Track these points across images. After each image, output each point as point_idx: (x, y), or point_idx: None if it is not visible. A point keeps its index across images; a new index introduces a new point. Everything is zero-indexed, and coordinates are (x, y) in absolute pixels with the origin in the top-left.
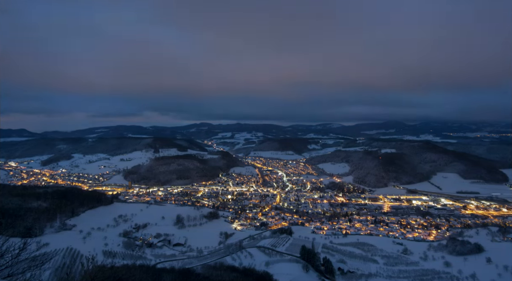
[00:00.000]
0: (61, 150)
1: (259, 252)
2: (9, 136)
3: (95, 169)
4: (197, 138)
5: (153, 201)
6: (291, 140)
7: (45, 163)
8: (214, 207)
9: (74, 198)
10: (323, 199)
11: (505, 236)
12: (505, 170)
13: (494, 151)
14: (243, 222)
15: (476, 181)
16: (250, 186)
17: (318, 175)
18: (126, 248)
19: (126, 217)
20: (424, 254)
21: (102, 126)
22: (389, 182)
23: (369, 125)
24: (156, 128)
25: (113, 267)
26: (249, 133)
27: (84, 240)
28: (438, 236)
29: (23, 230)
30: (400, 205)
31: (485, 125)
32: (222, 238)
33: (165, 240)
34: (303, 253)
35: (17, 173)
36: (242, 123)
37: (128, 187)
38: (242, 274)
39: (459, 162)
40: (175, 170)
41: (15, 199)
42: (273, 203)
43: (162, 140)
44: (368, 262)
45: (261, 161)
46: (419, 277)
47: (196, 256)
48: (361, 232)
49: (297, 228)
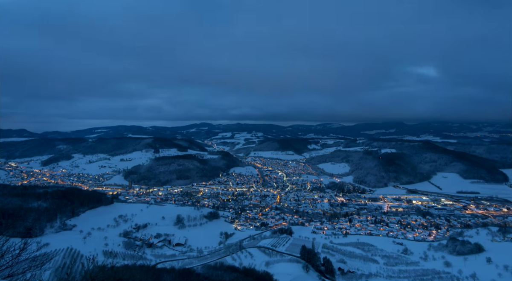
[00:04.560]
0: (61, 150)
1: (259, 252)
2: (9, 136)
3: (95, 169)
4: (197, 138)
5: (153, 201)
6: (291, 140)
7: (45, 163)
8: (214, 207)
9: (74, 198)
10: (323, 199)
11: (505, 236)
12: (505, 170)
13: (494, 151)
14: (243, 222)
15: (476, 181)
16: (250, 186)
17: (318, 175)
18: (126, 248)
19: (126, 217)
20: (424, 254)
21: (102, 126)
22: (389, 182)
23: (369, 125)
24: (156, 128)
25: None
26: (249, 133)
27: (84, 240)
28: (438, 236)
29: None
30: (400, 205)
31: (485, 125)
32: (222, 238)
33: (165, 240)
34: (303, 253)
35: (17, 173)
36: (242, 123)
37: (128, 187)
38: (242, 274)
39: (459, 162)
40: (175, 170)
41: (15, 199)
42: (273, 203)
43: (162, 140)
44: (368, 262)
45: (261, 161)
46: (419, 277)
47: (196, 256)
48: (361, 232)
49: (297, 228)
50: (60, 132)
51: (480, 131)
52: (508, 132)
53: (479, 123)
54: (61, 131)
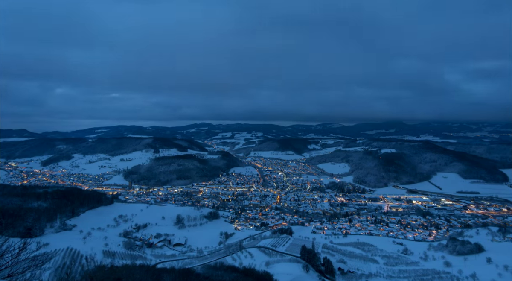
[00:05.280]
0: (61, 150)
1: (259, 252)
2: (9, 136)
3: (95, 169)
4: (197, 138)
5: (153, 201)
6: (291, 140)
7: (45, 163)
8: (214, 207)
9: (74, 198)
10: (323, 199)
11: (505, 236)
12: (505, 169)
13: (494, 151)
14: (243, 222)
15: (476, 181)
16: (250, 186)
17: (318, 175)
18: (126, 248)
19: (126, 217)
20: (424, 254)
21: (102, 127)
22: (389, 182)
23: (369, 125)
24: (156, 128)
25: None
26: (249, 133)
27: (84, 240)
28: (438, 236)
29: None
30: (400, 205)
31: (485, 125)
32: (222, 238)
33: (165, 240)
34: (303, 253)
35: (17, 173)
36: (242, 123)
37: (128, 187)
38: (242, 274)
39: (459, 161)
40: (175, 170)
41: (15, 199)
42: (273, 203)
43: (162, 140)
44: (368, 262)
45: (261, 161)
46: (419, 277)
47: (196, 256)
48: (361, 232)
49: (297, 228)
50: (60, 132)
51: (480, 131)
52: (508, 132)
53: (479, 123)
54: (61, 131)
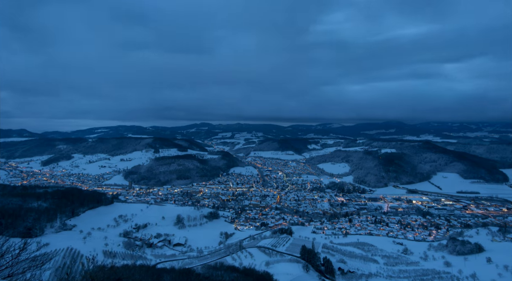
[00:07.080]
0: (61, 150)
1: (259, 252)
2: (9, 136)
3: (95, 169)
4: (197, 138)
5: (153, 201)
6: (291, 140)
7: (45, 163)
8: (214, 207)
9: (74, 198)
10: (323, 199)
11: (505, 236)
12: (505, 169)
13: (494, 151)
14: (243, 222)
15: (476, 181)
16: (250, 186)
17: (318, 175)
18: (126, 248)
19: (126, 217)
20: (424, 254)
21: (102, 127)
22: (389, 182)
23: (369, 125)
24: (156, 128)
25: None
26: (249, 133)
27: (84, 240)
28: (438, 236)
29: (24, 230)
30: (400, 205)
31: (485, 125)
32: (222, 238)
33: (165, 240)
34: (303, 253)
35: (17, 173)
36: (242, 123)
37: (128, 187)
38: (242, 274)
39: (459, 161)
40: (175, 170)
41: (16, 199)
42: (273, 203)
43: (162, 140)
44: (368, 262)
45: (261, 161)
46: (419, 277)
47: (196, 256)
48: (361, 232)
49: (297, 228)
50: (60, 132)
51: (480, 131)
52: (508, 132)
53: (479, 123)
54: (61, 131)
